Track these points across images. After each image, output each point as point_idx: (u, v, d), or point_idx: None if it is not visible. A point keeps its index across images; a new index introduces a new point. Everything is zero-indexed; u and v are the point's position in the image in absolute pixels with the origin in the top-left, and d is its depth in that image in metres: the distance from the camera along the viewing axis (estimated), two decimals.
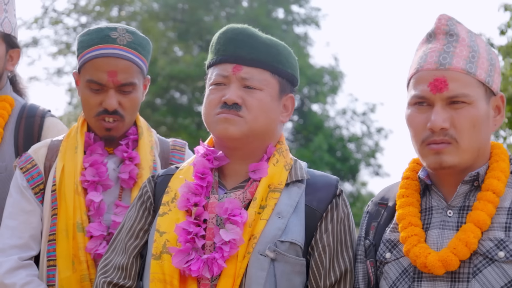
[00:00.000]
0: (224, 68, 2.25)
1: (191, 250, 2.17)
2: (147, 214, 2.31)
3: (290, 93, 2.34)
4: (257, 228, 2.17)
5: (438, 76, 2.02)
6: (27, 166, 2.67)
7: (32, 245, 2.61)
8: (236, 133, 2.21)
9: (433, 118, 2.00)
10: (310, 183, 2.29)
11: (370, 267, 2.16)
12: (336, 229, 2.24)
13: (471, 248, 1.98)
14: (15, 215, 2.62)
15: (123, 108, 2.61)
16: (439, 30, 2.08)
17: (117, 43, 2.60)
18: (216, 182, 2.27)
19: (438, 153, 2.02)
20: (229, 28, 2.29)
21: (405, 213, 2.09)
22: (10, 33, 2.96)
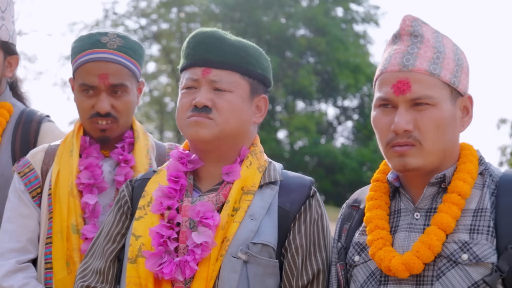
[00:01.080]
0: (194, 72, 2.29)
1: (164, 254, 2.21)
2: (125, 218, 2.37)
3: (262, 93, 2.37)
4: (230, 231, 2.21)
5: (401, 78, 2.03)
6: (25, 170, 2.76)
7: (30, 248, 2.69)
8: (207, 136, 2.25)
9: (396, 120, 2.01)
10: (284, 185, 2.32)
11: (340, 270, 2.18)
12: (309, 230, 2.27)
13: (435, 251, 1.99)
14: (13, 219, 2.71)
15: (116, 110, 2.69)
16: (403, 31, 2.09)
17: (107, 47, 2.68)
18: (191, 185, 2.32)
19: (402, 156, 2.03)
20: (198, 32, 2.34)
21: (372, 216, 2.11)
22: (7, 40, 3.06)
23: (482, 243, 1.98)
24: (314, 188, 2.35)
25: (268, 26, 23.81)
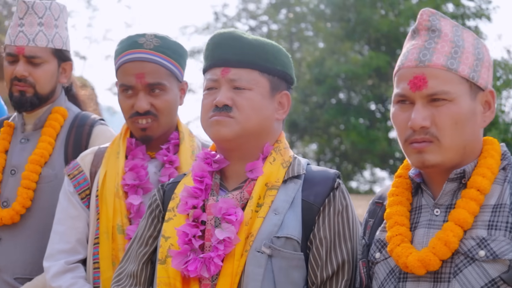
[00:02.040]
0: (214, 73, 2.34)
1: (190, 252, 2.26)
2: (156, 221, 2.43)
3: (284, 90, 2.40)
4: (254, 226, 2.24)
5: (418, 74, 2.01)
6: (74, 172, 2.88)
7: (79, 249, 2.81)
8: (228, 134, 2.29)
9: (413, 117, 2.00)
10: (308, 178, 2.34)
11: (362, 268, 2.19)
12: (333, 222, 2.28)
13: (451, 247, 1.96)
14: (63, 220, 2.84)
15: (156, 109, 2.76)
16: (421, 26, 2.07)
17: (143, 47, 2.77)
18: (217, 185, 2.36)
19: (420, 152, 2.01)
20: (216, 34, 2.39)
21: (392, 212, 2.11)
22: (61, 47, 3.20)
23: (499, 239, 1.95)
24: (340, 180, 2.36)
25: (377, 24, 23.57)
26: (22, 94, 3.15)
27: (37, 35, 3.15)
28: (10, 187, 3.15)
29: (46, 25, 3.18)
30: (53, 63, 3.19)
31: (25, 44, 3.14)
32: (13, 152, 3.21)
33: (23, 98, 3.16)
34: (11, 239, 3.10)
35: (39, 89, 3.17)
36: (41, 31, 3.16)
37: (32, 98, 3.16)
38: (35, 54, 3.15)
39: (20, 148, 3.20)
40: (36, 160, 3.12)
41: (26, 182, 3.10)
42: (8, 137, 3.25)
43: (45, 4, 3.19)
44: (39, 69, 3.16)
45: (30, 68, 3.15)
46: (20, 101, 3.16)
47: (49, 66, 3.18)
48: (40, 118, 3.21)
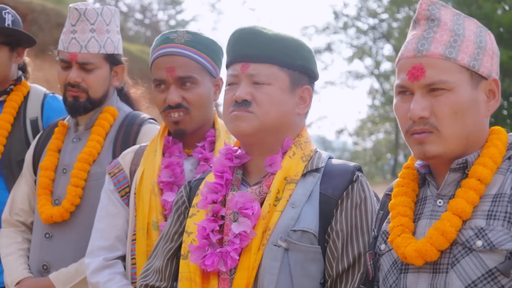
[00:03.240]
0: (234, 68, 2.41)
1: (208, 246, 2.34)
2: (182, 218, 2.52)
3: (306, 84, 2.45)
4: (272, 220, 2.30)
5: (416, 64, 2.04)
6: (114, 171, 3.02)
7: (118, 245, 2.94)
8: (247, 129, 2.36)
9: (412, 107, 2.02)
10: (327, 172, 2.39)
11: (369, 260, 2.21)
12: (350, 214, 2.33)
13: (449, 238, 1.98)
14: (103, 218, 2.98)
15: (187, 102, 2.86)
16: (420, 16, 2.09)
17: (174, 42, 2.88)
18: (239, 180, 2.43)
19: (421, 143, 2.04)
20: (237, 30, 2.46)
21: (396, 202, 2.13)
22: (113, 52, 3.35)
23: (497, 229, 1.95)
24: (359, 173, 2.40)
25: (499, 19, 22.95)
26: (75, 99, 3.32)
27: (89, 41, 3.31)
28: (61, 186, 3.33)
29: (98, 31, 3.33)
30: (105, 68, 3.35)
31: (77, 51, 3.30)
32: (66, 151, 3.39)
33: (77, 103, 3.32)
34: (62, 236, 3.27)
35: (92, 94, 3.33)
36: (93, 37, 3.32)
37: (85, 103, 3.33)
38: (88, 61, 3.31)
39: (72, 147, 3.37)
40: (85, 159, 3.27)
41: (75, 180, 3.27)
42: (61, 136, 3.42)
43: (97, 10, 3.35)
44: (91, 74, 3.32)
45: (83, 74, 3.31)
46: (74, 106, 3.33)
47: (101, 71, 3.34)
48: (91, 118, 3.38)
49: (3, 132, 3.66)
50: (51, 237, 3.28)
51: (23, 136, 3.68)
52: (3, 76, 3.71)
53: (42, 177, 3.35)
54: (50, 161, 3.37)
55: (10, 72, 3.74)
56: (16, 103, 3.71)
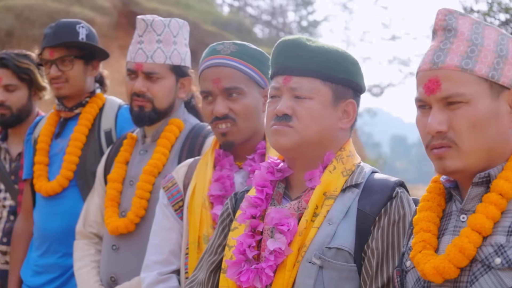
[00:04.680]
0: (276, 81, 2.43)
1: (244, 262, 2.38)
2: (227, 230, 2.55)
3: (350, 98, 2.44)
4: (308, 237, 2.31)
5: (431, 77, 2.01)
6: (168, 185, 3.10)
7: (172, 259, 3.01)
8: (287, 144, 2.38)
9: (429, 121, 2.00)
10: (367, 187, 2.37)
11: (396, 277, 2.18)
12: (386, 232, 2.31)
13: (467, 255, 1.94)
14: (157, 232, 3.06)
15: (234, 113, 2.90)
16: (437, 26, 2.06)
17: (220, 53, 2.93)
18: (280, 194, 2.45)
19: (441, 158, 2.01)
20: (280, 41, 2.47)
21: (420, 217, 2.11)
22: (179, 64, 3.43)
23: None
24: (399, 189, 2.37)
25: None
26: (141, 109, 3.42)
27: (155, 52, 3.40)
28: (128, 197, 3.44)
29: (165, 42, 3.41)
30: (171, 79, 3.43)
31: (143, 61, 3.40)
32: (133, 163, 3.50)
33: (142, 113, 3.42)
34: (128, 247, 3.38)
35: (157, 104, 3.42)
36: (159, 48, 3.40)
37: (150, 113, 3.42)
38: (153, 70, 3.40)
39: (139, 160, 3.48)
40: (150, 171, 3.37)
41: (140, 192, 3.37)
42: (129, 148, 3.53)
43: (164, 21, 3.44)
44: (157, 84, 3.41)
45: (148, 84, 3.41)
46: (139, 116, 3.43)
47: (167, 81, 3.42)
48: (157, 130, 3.47)
49: (78, 144, 3.83)
50: (117, 248, 3.40)
51: (97, 148, 3.83)
52: (78, 88, 3.88)
53: (110, 189, 3.48)
54: (118, 173, 3.49)
55: (85, 84, 3.90)
56: (91, 115, 3.87)
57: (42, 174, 3.88)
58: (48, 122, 3.99)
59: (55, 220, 3.82)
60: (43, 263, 3.86)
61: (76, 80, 3.85)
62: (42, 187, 3.83)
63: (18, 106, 4.26)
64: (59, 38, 3.80)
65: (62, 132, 3.95)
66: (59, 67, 3.82)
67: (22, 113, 4.29)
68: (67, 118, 3.96)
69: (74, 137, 3.84)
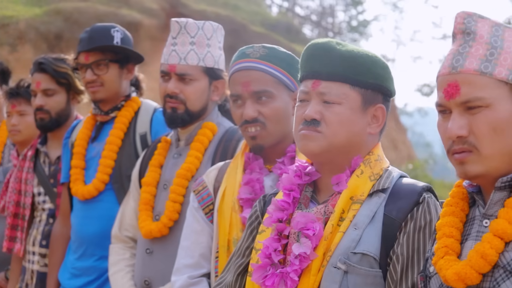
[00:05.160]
0: (305, 85, 2.42)
1: (270, 266, 2.39)
2: (255, 233, 2.56)
3: (379, 103, 2.43)
4: (334, 241, 2.31)
5: (451, 81, 1.99)
6: (199, 188, 3.11)
7: (202, 263, 3.03)
8: (315, 149, 2.37)
9: (449, 126, 1.99)
10: (394, 192, 2.36)
11: (419, 282, 2.17)
12: (412, 238, 2.29)
13: (489, 260, 1.91)
14: (188, 235, 3.08)
15: (264, 116, 2.90)
16: (456, 30, 2.04)
17: (250, 57, 2.94)
18: (307, 198, 2.45)
19: (462, 163, 1.99)
20: (310, 44, 2.46)
21: (443, 223, 2.09)
22: (212, 66, 3.44)
23: None
24: (427, 194, 2.35)
25: None
26: (173, 110, 3.44)
27: (188, 53, 3.42)
28: (162, 201, 3.46)
29: (198, 44, 3.43)
30: (204, 81, 3.45)
31: (176, 63, 3.42)
32: (167, 167, 3.52)
33: (174, 114, 3.44)
34: (162, 251, 3.41)
35: (189, 106, 3.44)
36: (192, 50, 3.42)
37: (183, 114, 3.44)
38: (186, 72, 3.41)
39: (173, 163, 3.50)
40: (183, 175, 3.39)
41: (173, 196, 3.39)
42: (164, 152, 3.56)
43: (198, 24, 3.46)
44: (189, 86, 3.42)
45: (181, 86, 3.43)
46: (172, 118, 3.45)
47: (200, 83, 3.44)
48: (191, 134, 3.49)
49: (113, 147, 3.87)
50: (151, 252, 3.43)
51: (133, 151, 3.87)
52: (114, 92, 3.92)
53: (144, 193, 3.51)
54: (152, 177, 3.52)
55: (121, 88, 3.95)
56: (126, 119, 3.91)
57: (79, 178, 3.94)
58: (85, 126, 4.05)
59: (91, 223, 3.88)
60: (80, 265, 3.91)
61: (111, 84, 3.90)
62: (79, 190, 3.89)
63: (56, 110, 4.32)
64: (94, 43, 3.85)
65: (98, 135, 4.00)
66: (94, 71, 3.87)
67: (60, 117, 4.34)
68: (103, 121, 4.01)
69: (109, 141, 3.89)
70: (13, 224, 4.48)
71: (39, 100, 4.29)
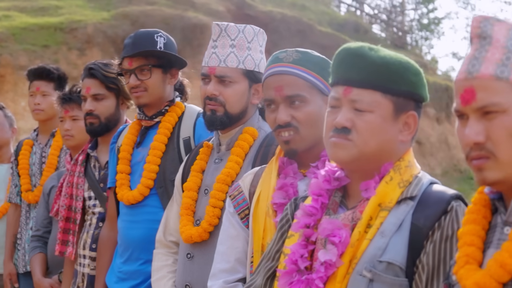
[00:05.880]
0: (336, 91, 2.40)
1: (296, 272, 2.38)
2: (285, 236, 2.55)
3: (411, 110, 2.40)
4: (360, 248, 2.29)
5: (467, 87, 1.96)
6: (235, 193, 3.12)
7: (238, 268, 3.03)
8: (345, 157, 2.35)
9: (466, 133, 1.96)
10: (422, 200, 2.32)
11: None
12: (438, 248, 2.25)
13: (509, 270, 1.88)
14: (223, 240, 3.09)
15: (297, 121, 2.90)
16: (473, 34, 2.01)
17: (283, 61, 2.93)
18: (336, 203, 2.44)
19: (480, 169, 1.96)
20: (342, 49, 2.43)
21: (464, 231, 2.05)
22: (253, 69, 3.44)
23: None
24: (456, 203, 2.31)
25: None
26: (213, 112, 3.44)
27: (228, 56, 3.43)
28: (203, 206, 3.48)
29: (238, 47, 3.44)
30: (244, 84, 3.45)
31: (216, 65, 3.43)
32: (208, 172, 3.54)
33: (214, 116, 3.45)
34: (202, 256, 3.42)
35: (229, 108, 3.44)
36: (232, 52, 3.43)
37: (222, 117, 3.44)
38: (225, 74, 3.42)
39: (214, 168, 3.51)
40: (223, 180, 3.40)
41: (213, 201, 3.41)
42: (205, 157, 3.58)
43: (239, 27, 3.47)
44: (229, 88, 3.43)
45: (220, 88, 3.43)
46: (211, 120, 3.46)
47: (239, 86, 3.44)
48: (232, 139, 3.49)
49: (157, 152, 3.91)
50: (192, 257, 3.45)
51: (176, 156, 3.90)
52: (157, 97, 3.96)
53: (185, 198, 3.53)
54: (193, 182, 3.54)
55: (164, 93, 3.98)
56: (170, 124, 3.94)
57: (124, 183, 3.99)
58: (130, 131, 4.09)
59: (136, 227, 3.92)
60: (126, 269, 3.96)
61: (154, 89, 3.93)
62: (124, 196, 3.94)
63: (106, 115, 4.39)
64: (137, 48, 3.89)
65: (143, 141, 4.04)
66: (137, 76, 3.91)
67: (110, 122, 4.41)
68: (147, 126, 4.05)
69: (153, 146, 3.93)
70: (65, 228, 4.57)
71: (89, 105, 4.36)
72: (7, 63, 14.64)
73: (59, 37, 16.19)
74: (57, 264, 4.91)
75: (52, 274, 4.99)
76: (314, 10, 24.03)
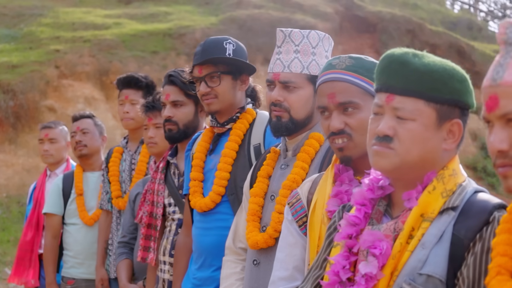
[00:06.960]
0: (379, 98, 2.37)
1: (338, 284, 2.37)
2: (333, 245, 2.53)
3: (456, 118, 2.35)
4: (402, 260, 2.26)
5: (491, 94, 1.94)
6: (293, 201, 3.11)
7: (296, 275, 3.02)
8: (387, 166, 2.32)
9: (490, 140, 1.93)
10: (464, 210, 2.27)
11: None
12: (479, 261, 2.18)
13: None
14: (282, 248, 3.09)
15: (350, 127, 2.88)
16: (499, 40, 1.97)
17: (335, 68, 2.92)
18: (380, 212, 2.41)
19: (505, 177, 1.92)
20: (385, 56, 2.40)
21: (498, 241, 2.01)
22: (317, 74, 3.41)
23: None
24: (500, 213, 2.23)
25: None
26: (278, 119, 3.45)
27: (292, 61, 3.43)
28: (269, 212, 3.49)
29: (302, 52, 3.43)
30: (308, 89, 3.44)
31: (280, 71, 3.44)
32: (274, 178, 3.54)
33: (279, 123, 3.45)
34: (268, 262, 3.43)
35: (293, 114, 3.44)
36: (296, 58, 3.43)
37: (287, 123, 3.44)
38: (289, 80, 3.42)
39: (280, 174, 3.52)
40: (289, 185, 3.40)
41: (278, 207, 3.41)
42: (272, 163, 3.58)
43: (303, 32, 3.46)
44: (293, 94, 3.43)
45: (285, 94, 3.44)
46: (276, 126, 3.46)
47: (304, 91, 3.43)
48: (298, 144, 3.49)
49: (228, 159, 3.94)
50: (258, 263, 3.46)
51: (247, 163, 3.92)
52: (228, 104, 3.99)
53: (252, 204, 3.54)
54: (260, 188, 3.55)
55: (235, 99, 4.01)
56: (240, 131, 3.97)
57: (197, 190, 4.04)
58: (203, 139, 4.15)
59: (208, 234, 3.97)
60: (200, 276, 4.01)
61: (225, 96, 3.97)
62: (197, 203, 3.99)
63: (184, 121, 4.46)
64: (206, 55, 3.94)
65: (216, 148, 4.08)
66: (207, 84, 3.96)
67: (188, 128, 4.47)
68: (220, 133, 4.09)
69: (224, 153, 3.96)
70: (147, 234, 4.66)
71: (168, 111, 4.44)
72: (116, 69, 15.07)
73: (167, 43, 16.54)
74: (142, 270, 5.02)
75: (138, 280, 5.10)
76: (426, 9, 23.65)
